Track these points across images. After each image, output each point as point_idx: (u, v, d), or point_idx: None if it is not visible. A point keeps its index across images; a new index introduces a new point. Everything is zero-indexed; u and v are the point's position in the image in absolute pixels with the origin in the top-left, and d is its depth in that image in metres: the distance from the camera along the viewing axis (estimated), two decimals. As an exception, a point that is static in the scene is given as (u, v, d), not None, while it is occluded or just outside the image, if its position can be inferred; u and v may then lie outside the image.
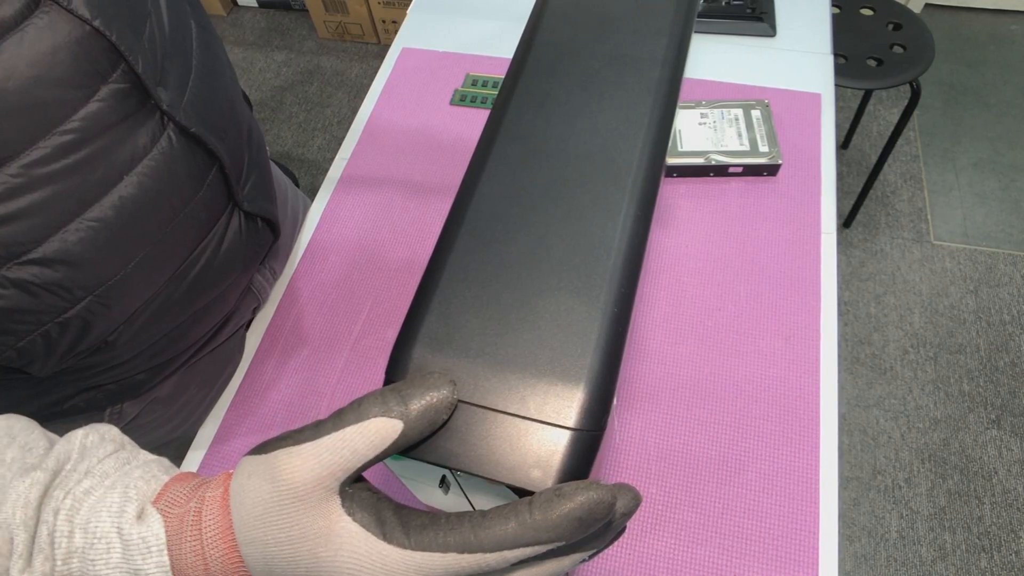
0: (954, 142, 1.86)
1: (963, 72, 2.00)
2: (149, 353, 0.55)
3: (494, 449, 0.27)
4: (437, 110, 0.85)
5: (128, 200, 0.45)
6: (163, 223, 0.48)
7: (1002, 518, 1.32)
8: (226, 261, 0.56)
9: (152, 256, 0.48)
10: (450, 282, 0.31)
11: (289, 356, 0.66)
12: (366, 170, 0.81)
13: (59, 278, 0.42)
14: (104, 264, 0.45)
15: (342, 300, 0.69)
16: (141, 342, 0.52)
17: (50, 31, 0.37)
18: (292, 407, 0.63)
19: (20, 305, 0.41)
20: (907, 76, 1.34)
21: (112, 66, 0.42)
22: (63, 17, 0.38)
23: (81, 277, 0.44)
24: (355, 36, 2.27)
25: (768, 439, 0.60)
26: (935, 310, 1.58)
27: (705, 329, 0.66)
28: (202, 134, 0.49)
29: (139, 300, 0.49)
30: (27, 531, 0.27)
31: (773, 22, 0.92)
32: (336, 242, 0.75)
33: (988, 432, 1.41)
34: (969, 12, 2.15)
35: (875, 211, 1.74)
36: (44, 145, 0.39)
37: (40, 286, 0.41)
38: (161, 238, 0.48)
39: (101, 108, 0.41)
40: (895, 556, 1.29)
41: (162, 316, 0.52)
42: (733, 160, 0.75)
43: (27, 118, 0.38)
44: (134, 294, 0.48)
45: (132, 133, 0.44)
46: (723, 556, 0.55)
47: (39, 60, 0.37)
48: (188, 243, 0.52)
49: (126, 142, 0.44)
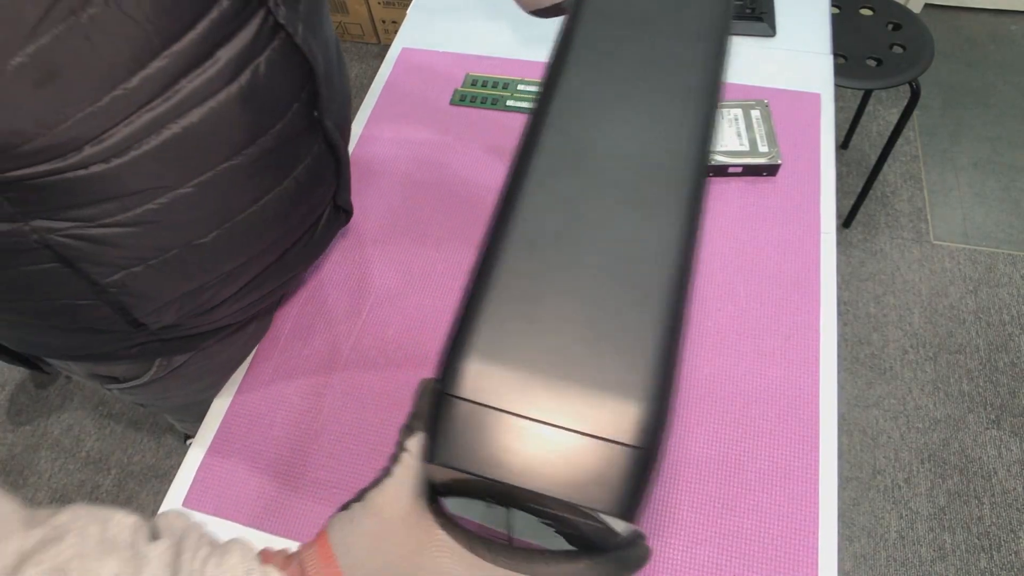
0: (954, 142, 1.86)
1: (963, 72, 2.00)
2: (245, 291, 0.56)
3: (551, 464, 0.27)
4: (437, 110, 0.85)
5: (273, 201, 0.49)
6: (287, 216, 0.52)
7: (1002, 518, 1.32)
8: (317, 246, 0.61)
9: (270, 242, 0.52)
10: (501, 291, 0.30)
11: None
12: (366, 169, 0.81)
13: (208, 260, 0.47)
14: (241, 250, 0.50)
15: (343, 296, 0.69)
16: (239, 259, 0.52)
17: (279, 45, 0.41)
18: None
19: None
20: (907, 76, 1.34)
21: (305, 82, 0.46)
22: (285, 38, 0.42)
23: (224, 258, 0.49)
24: (355, 36, 2.27)
25: (768, 439, 0.60)
26: (935, 310, 1.58)
27: (705, 329, 0.66)
28: (336, 142, 0.53)
29: (247, 279, 0.53)
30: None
31: (773, 22, 0.92)
32: (336, 240, 0.75)
33: (988, 432, 1.42)
34: (969, 12, 2.15)
35: (875, 211, 1.74)
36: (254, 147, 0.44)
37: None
38: (282, 228, 0.53)
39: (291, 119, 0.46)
40: (895, 556, 1.29)
41: (254, 288, 0.56)
42: (733, 160, 0.76)
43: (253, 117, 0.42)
44: (247, 273, 0.53)
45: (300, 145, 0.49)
46: (723, 556, 0.55)
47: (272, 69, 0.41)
48: (297, 230, 0.56)
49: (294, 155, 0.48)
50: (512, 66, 0.91)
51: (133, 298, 0.47)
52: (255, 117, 0.43)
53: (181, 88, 0.38)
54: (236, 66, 0.40)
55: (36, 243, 0.40)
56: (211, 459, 0.61)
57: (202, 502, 0.60)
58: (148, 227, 0.43)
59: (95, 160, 0.37)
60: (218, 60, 0.39)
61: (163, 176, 0.41)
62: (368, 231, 0.74)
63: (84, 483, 1.44)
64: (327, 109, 0.51)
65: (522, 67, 0.90)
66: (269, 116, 0.45)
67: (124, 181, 0.39)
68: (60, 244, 0.41)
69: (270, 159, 0.46)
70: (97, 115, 0.35)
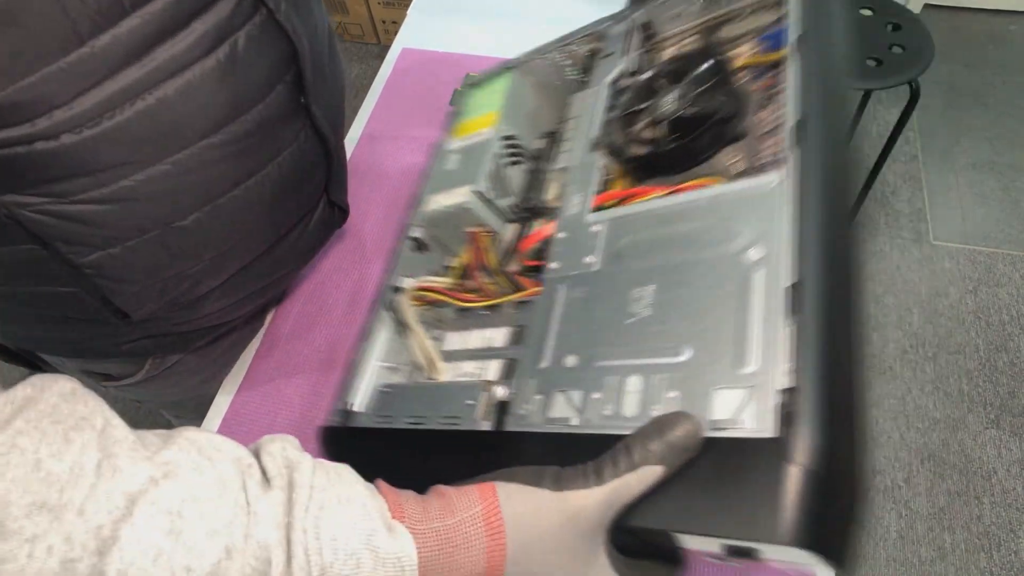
0: (953, 142, 1.86)
1: (962, 72, 2.00)
2: (232, 284, 0.55)
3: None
4: (437, 110, 0.85)
5: (258, 184, 0.48)
6: (276, 205, 0.51)
7: (1001, 518, 1.32)
8: (308, 241, 0.59)
9: (258, 231, 0.51)
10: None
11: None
12: (366, 170, 0.81)
13: (190, 245, 0.46)
14: (225, 233, 0.49)
15: (343, 296, 0.69)
16: (226, 265, 0.53)
17: (260, 23, 0.41)
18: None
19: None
20: (906, 76, 1.35)
21: (289, 64, 0.45)
22: (268, 15, 0.41)
23: (210, 240, 0.48)
24: (355, 36, 2.27)
25: (768, 438, 0.60)
26: (934, 310, 1.58)
27: (705, 329, 0.66)
28: (324, 130, 0.52)
29: (236, 268, 0.52)
30: (283, 550, 0.28)
31: (772, 22, 0.92)
32: (336, 241, 0.75)
33: (987, 432, 1.42)
34: (968, 12, 2.15)
35: (874, 211, 1.74)
36: (235, 125, 0.43)
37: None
38: (270, 218, 0.52)
39: (274, 100, 0.45)
40: (894, 556, 1.29)
41: (247, 281, 0.55)
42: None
43: (231, 96, 0.42)
44: (235, 262, 0.52)
45: (285, 127, 0.47)
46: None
47: (251, 47, 0.41)
48: (287, 222, 0.55)
49: (278, 137, 0.47)
50: (512, 66, 0.91)
51: (111, 282, 0.46)
52: (233, 95, 0.42)
53: (155, 57, 0.37)
54: (213, 39, 0.39)
55: (6, 218, 0.39)
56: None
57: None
58: (124, 205, 0.41)
59: (65, 128, 0.36)
60: (194, 31, 0.38)
61: (137, 151, 0.40)
62: (368, 231, 0.74)
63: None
64: (315, 96, 0.49)
65: (522, 67, 0.90)
66: (248, 96, 0.44)
67: (97, 154, 0.38)
68: (32, 221, 0.40)
69: (250, 141, 0.45)
70: (66, 73, 0.34)
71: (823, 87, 0.38)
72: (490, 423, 0.39)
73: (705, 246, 0.36)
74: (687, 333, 0.34)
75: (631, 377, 0.34)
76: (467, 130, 0.62)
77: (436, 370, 0.50)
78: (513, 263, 0.51)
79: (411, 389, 0.49)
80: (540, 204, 0.54)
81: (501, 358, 0.43)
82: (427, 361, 0.51)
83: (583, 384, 0.36)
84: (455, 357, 0.50)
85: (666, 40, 0.57)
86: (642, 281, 0.38)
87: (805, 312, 0.30)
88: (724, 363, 0.31)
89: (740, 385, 0.30)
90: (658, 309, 0.36)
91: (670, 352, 0.34)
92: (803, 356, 0.28)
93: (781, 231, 0.33)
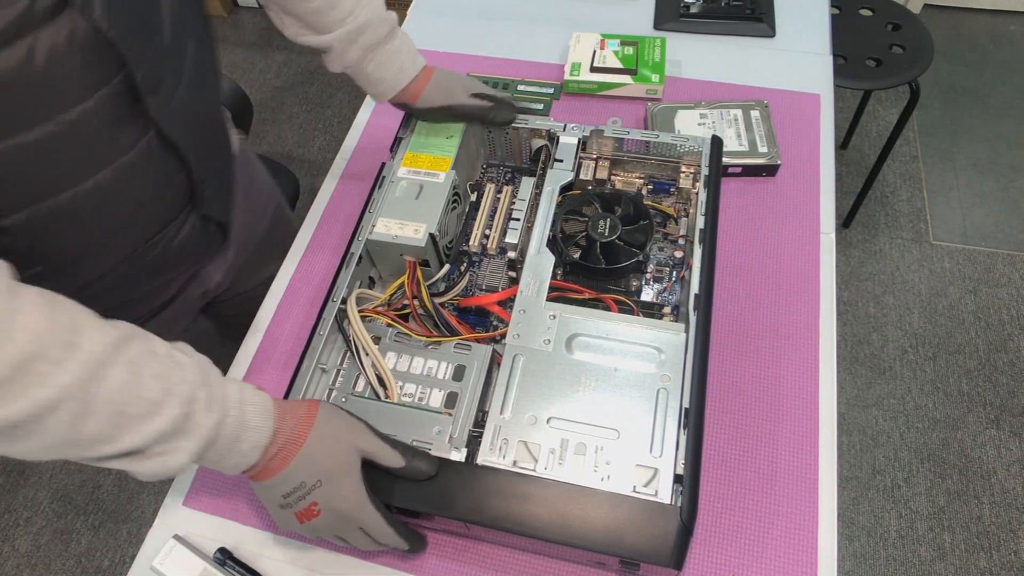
0: (953, 142, 1.86)
1: (962, 72, 2.00)
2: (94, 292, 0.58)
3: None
4: (437, 110, 0.85)
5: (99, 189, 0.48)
6: (125, 214, 0.53)
7: (1001, 518, 1.32)
8: (177, 254, 0.61)
9: (108, 240, 0.54)
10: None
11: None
12: (367, 170, 0.81)
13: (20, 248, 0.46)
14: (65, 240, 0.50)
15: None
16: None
17: (70, 31, 0.40)
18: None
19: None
20: (906, 76, 1.35)
21: (115, 72, 0.44)
22: (84, 21, 0.40)
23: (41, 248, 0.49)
24: (355, 36, 2.27)
25: (767, 439, 0.60)
26: (934, 310, 1.58)
27: (704, 329, 0.66)
28: (179, 142, 0.52)
29: (89, 277, 0.55)
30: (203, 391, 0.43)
31: (772, 23, 0.93)
32: (336, 241, 0.75)
33: (987, 432, 1.42)
34: (968, 13, 2.15)
35: (874, 211, 1.74)
36: (38, 130, 0.42)
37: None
38: (121, 225, 0.54)
39: (94, 108, 0.44)
40: (894, 555, 1.29)
41: (110, 292, 0.58)
42: (732, 160, 0.76)
43: (33, 100, 0.41)
44: (85, 270, 0.54)
45: (116, 133, 0.47)
46: (723, 556, 0.55)
47: (56, 54, 0.40)
48: (145, 233, 0.57)
49: (109, 140, 0.47)
50: (512, 66, 0.91)
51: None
52: (34, 98, 0.41)
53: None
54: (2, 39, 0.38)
55: None
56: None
57: (202, 502, 0.60)
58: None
59: None
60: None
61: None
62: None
63: (85, 483, 1.44)
64: (161, 104, 0.49)
65: (522, 67, 0.91)
66: (55, 99, 0.42)
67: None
68: None
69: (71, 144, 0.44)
70: None
71: (710, 277, 0.58)
72: (461, 455, 0.51)
73: (636, 361, 0.55)
74: (619, 420, 0.52)
75: (577, 441, 0.51)
76: (418, 164, 0.67)
77: (391, 390, 0.57)
78: (443, 301, 0.63)
79: (373, 406, 0.55)
80: (467, 249, 0.69)
81: (446, 390, 0.56)
82: (384, 380, 0.57)
83: (540, 438, 0.52)
84: (401, 378, 0.58)
85: (595, 160, 0.70)
86: (588, 372, 0.54)
87: (690, 429, 0.51)
88: (643, 447, 0.51)
89: (651, 465, 0.50)
90: (599, 395, 0.53)
91: (607, 431, 0.52)
92: (687, 457, 0.50)
93: (680, 369, 0.54)
